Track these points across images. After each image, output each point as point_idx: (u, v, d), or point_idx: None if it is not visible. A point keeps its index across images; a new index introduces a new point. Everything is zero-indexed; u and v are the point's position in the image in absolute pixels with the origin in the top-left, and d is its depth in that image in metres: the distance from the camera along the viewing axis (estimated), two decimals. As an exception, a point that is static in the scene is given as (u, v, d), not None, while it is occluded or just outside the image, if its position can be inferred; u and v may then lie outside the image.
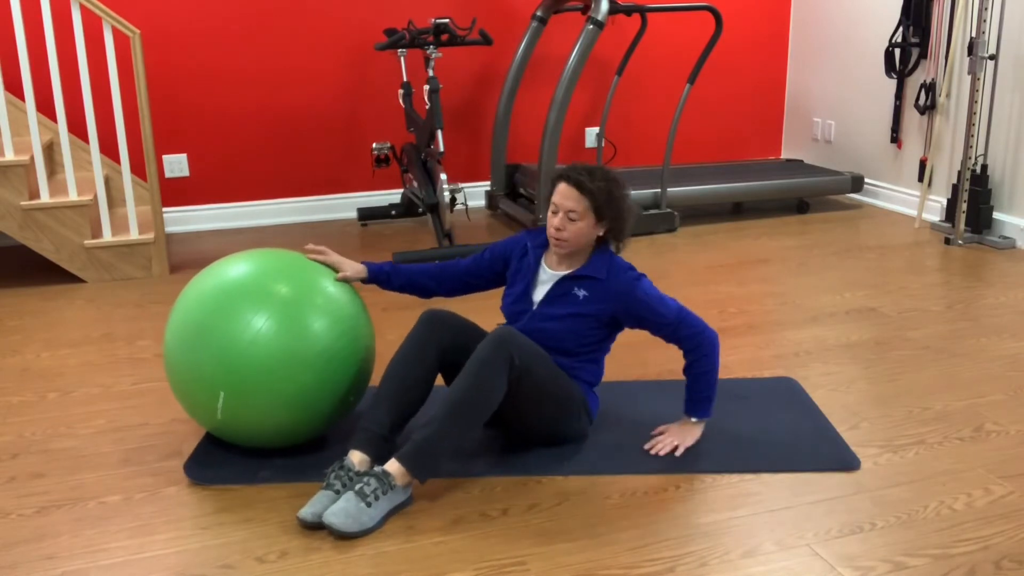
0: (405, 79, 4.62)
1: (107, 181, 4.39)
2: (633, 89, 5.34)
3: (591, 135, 5.36)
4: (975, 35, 4.09)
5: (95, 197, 3.91)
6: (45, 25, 3.59)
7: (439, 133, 4.03)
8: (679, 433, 2.33)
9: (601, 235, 2.26)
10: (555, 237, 2.22)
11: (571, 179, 2.19)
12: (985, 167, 4.27)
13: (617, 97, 5.30)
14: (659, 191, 4.56)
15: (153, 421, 2.57)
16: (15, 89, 4.31)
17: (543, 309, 2.27)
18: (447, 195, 4.04)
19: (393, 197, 5.10)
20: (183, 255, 4.30)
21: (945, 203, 4.55)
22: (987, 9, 4.09)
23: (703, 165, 5.30)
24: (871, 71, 5.02)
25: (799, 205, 4.96)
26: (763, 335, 3.14)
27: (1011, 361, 2.89)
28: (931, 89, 4.60)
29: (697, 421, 2.33)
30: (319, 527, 1.99)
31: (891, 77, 4.80)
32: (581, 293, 2.25)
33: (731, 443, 2.35)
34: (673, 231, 4.59)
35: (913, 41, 4.67)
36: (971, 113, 4.18)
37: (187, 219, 4.77)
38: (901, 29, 4.70)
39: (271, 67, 4.70)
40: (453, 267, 2.45)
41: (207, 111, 4.66)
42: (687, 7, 4.50)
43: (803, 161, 5.47)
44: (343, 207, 5.02)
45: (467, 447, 2.33)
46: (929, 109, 4.63)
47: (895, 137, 4.89)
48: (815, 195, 4.92)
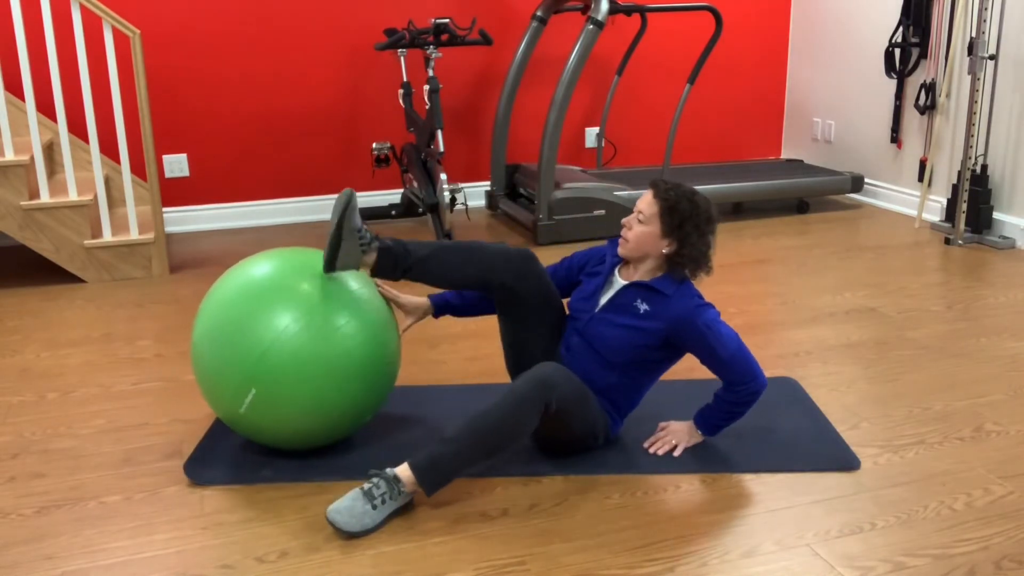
0: (405, 79, 4.63)
1: (107, 181, 4.39)
2: (633, 89, 5.34)
3: (591, 135, 5.36)
4: (975, 35, 4.09)
5: (95, 197, 3.91)
6: (45, 25, 3.59)
7: (439, 133, 4.03)
8: (680, 433, 2.33)
9: (668, 253, 2.22)
10: (622, 235, 2.26)
11: (654, 183, 2.24)
12: (985, 167, 4.27)
13: (617, 97, 5.31)
14: (659, 191, 4.56)
15: (153, 421, 2.57)
16: (15, 89, 4.31)
17: (604, 313, 2.27)
18: (447, 195, 4.04)
19: (393, 197, 5.10)
20: (183, 255, 4.30)
21: (945, 203, 4.55)
22: (987, 9, 4.09)
23: (703, 165, 5.30)
24: (871, 71, 5.02)
25: (799, 205, 4.96)
26: (763, 335, 3.14)
27: (1011, 361, 2.89)
28: (931, 89, 4.59)
29: (701, 432, 2.34)
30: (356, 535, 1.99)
31: (891, 77, 4.80)
32: (643, 307, 2.23)
33: (731, 443, 2.35)
34: (673, 231, 4.58)
35: (913, 41, 4.67)
36: (971, 113, 4.18)
37: (187, 219, 4.77)
38: (901, 29, 4.70)
39: (271, 67, 4.70)
40: None
41: (207, 111, 4.66)
42: (687, 7, 4.50)
43: (803, 161, 5.47)
44: (343, 207, 5.01)
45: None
46: (929, 109, 4.63)
47: (895, 137, 4.89)
48: (815, 195, 4.92)
